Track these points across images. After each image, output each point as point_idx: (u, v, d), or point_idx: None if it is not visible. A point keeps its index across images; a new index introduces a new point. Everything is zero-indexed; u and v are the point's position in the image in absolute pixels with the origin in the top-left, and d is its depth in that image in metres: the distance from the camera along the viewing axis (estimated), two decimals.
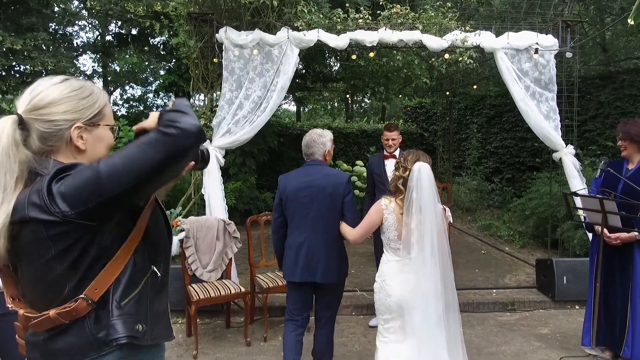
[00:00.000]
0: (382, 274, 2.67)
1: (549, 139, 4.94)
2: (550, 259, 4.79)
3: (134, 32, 10.72)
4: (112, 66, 16.12)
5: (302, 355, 3.07)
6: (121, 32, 11.21)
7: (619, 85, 7.80)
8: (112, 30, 11.98)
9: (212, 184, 4.67)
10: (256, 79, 4.67)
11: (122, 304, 1.20)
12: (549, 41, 4.93)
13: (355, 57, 5.22)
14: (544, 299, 4.77)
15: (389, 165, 4.16)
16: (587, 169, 6.15)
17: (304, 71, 8.93)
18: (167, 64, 9.80)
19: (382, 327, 2.66)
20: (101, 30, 13.13)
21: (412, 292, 2.51)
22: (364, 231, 2.74)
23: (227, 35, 4.63)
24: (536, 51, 4.80)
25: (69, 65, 9.70)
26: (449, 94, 9.89)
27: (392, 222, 2.61)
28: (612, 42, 10.48)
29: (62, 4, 10.64)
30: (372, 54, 5.28)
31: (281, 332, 3.91)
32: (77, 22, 12.86)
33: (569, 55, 4.95)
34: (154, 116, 1.22)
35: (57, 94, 1.21)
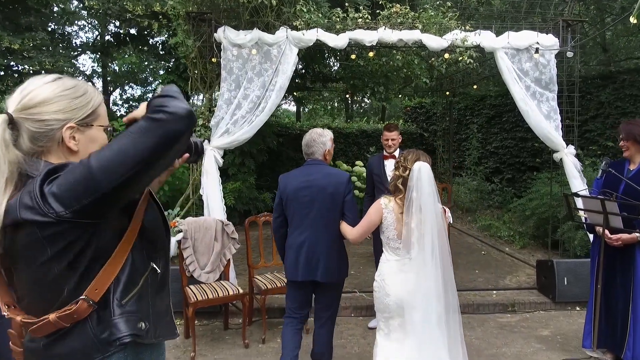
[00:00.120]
0: (382, 273, 2.67)
1: (550, 139, 4.92)
2: (550, 260, 4.76)
3: (133, 31, 10.69)
4: (111, 66, 16.10)
5: (301, 357, 3.04)
6: (120, 31, 11.18)
7: (619, 85, 7.78)
8: (111, 30, 11.95)
9: (211, 185, 4.64)
10: (255, 79, 4.65)
11: (124, 303, 1.17)
12: (549, 41, 4.90)
13: (354, 57, 5.20)
14: (545, 300, 4.74)
15: (389, 165, 4.12)
16: (588, 169, 6.12)
17: (303, 71, 8.91)
18: (166, 64, 9.76)
19: (383, 324, 2.69)
20: (100, 30, 13.10)
21: (412, 291, 2.51)
22: (364, 230, 2.74)
23: (225, 34, 4.61)
24: (537, 51, 4.77)
25: (67, 64, 9.67)
26: (449, 94, 9.87)
27: (392, 221, 2.62)
28: (612, 42, 10.46)
29: (61, 3, 10.61)
30: (371, 54, 5.26)
31: (279, 334, 3.88)
32: (76, 21, 12.84)
33: (569, 54, 4.92)
34: (143, 105, 1.19)
35: (49, 92, 1.17)
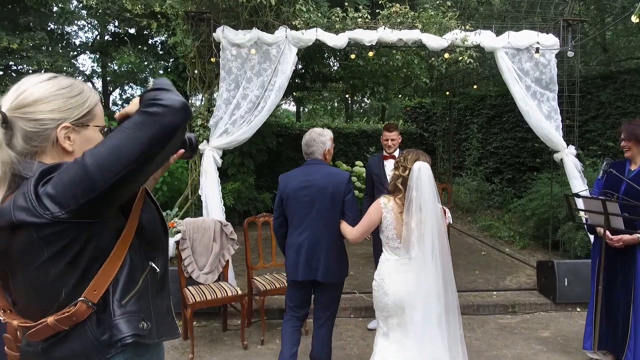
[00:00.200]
0: (381, 272, 2.68)
1: (550, 139, 4.89)
2: (551, 261, 4.73)
3: (132, 31, 10.67)
4: (111, 66, 16.09)
5: (300, 358, 3.03)
6: (119, 31, 11.15)
7: (620, 85, 7.76)
8: (110, 30, 11.92)
9: (210, 185, 4.61)
10: (254, 79, 4.62)
11: (124, 303, 1.14)
12: (550, 40, 4.88)
13: (354, 57, 5.18)
14: (545, 301, 4.71)
15: (389, 165, 4.09)
16: (588, 169, 6.09)
17: (303, 71, 8.88)
18: (165, 64, 9.73)
19: (382, 322, 2.70)
20: (100, 30, 13.07)
21: (412, 291, 2.51)
22: (364, 230, 2.75)
23: (224, 34, 4.58)
24: (537, 50, 4.74)
25: (66, 64, 9.64)
26: (449, 94, 9.84)
27: (391, 221, 2.62)
28: (612, 42, 10.44)
29: (60, 3, 10.58)
30: (371, 54, 5.24)
31: (278, 336, 3.86)
32: (75, 21, 12.81)
33: (570, 54, 4.89)
34: (135, 100, 1.16)
35: (44, 91, 1.15)
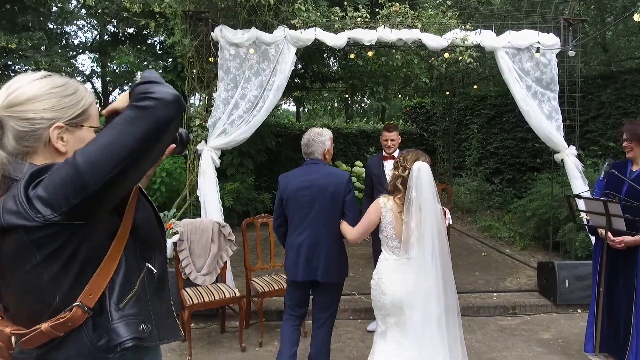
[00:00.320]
0: (379, 271, 2.69)
1: (551, 139, 4.85)
2: (552, 262, 4.70)
3: (131, 31, 10.63)
4: (110, 66, 16.05)
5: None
6: (118, 31, 11.11)
7: (620, 85, 7.72)
8: (109, 29, 11.88)
9: (208, 186, 4.58)
10: (252, 78, 4.59)
11: (121, 306, 1.11)
12: (550, 40, 4.84)
13: (353, 57, 5.14)
14: (546, 302, 4.68)
15: (388, 166, 4.06)
16: (589, 170, 6.06)
17: (302, 71, 8.85)
18: (164, 63, 9.69)
19: (380, 321, 2.69)
20: (100, 30, 13.04)
21: (412, 292, 2.51)
22: (364, 230, 2.74)
23: (222, 33, 4.55)
24: (538, 50, 4.71)
25: (65, 64, 9.59)
26: (449, 94, 9.80)
27: (390, 220, 2.62)
28: (612, 42, 10.41)
29: (59, 2, 10.54)
30: (370, 53, 5.21)
31: (277, 337, 3.84)
32: (75, 21, 12.78)
33: (571, 54, 4.85)
34: (124, 95, 1.12)
35: (37, 90, 1.11)
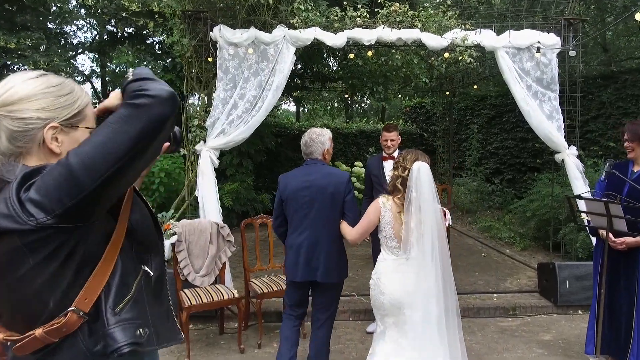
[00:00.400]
0: (378, 271, 2.69)
1: (551, 139, 4.82)
2: (552, 263, 4.67)
3: (130, 30, 10.59)
4: (110, 66, 16.01)
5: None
6: (116, 30, 11.07)
7: (621, 85, 7.70)
8: (108, 29, 11.85)
9: (206, 186, 4.55)
10: (251, 78, 4.56)
11: (117, 310, 1.08)
12: (551, 40, 4.82)
13: (352, 56, 5.12)
14: (547, 303, 4.65)
15: (388, 166, 4.03)
16: (589, 170, 6.03)
17: (302, 71, 8.82)
18: (163, 63, 9.66)
19: (379, 320, 2.69)
20: (99, 30, 13.00)
21: (411, 292, 2.51)
22: (363, 230, 2.74)
23: (221, 33, 4.53)
24: (538, 50, 4.68)
25: (63, 64, 9.55)
26: (449, 94, 9.79)
27: (389, 220, 2.62)
28: (612, 42, 10.39)
29: (58, 2, 10.51)
30: (370, 53, 5.18)
31: (276, 339, 3.82)
32: (74, 21, 12.73)
33: (572, 53, 4.82)
34: (115, 93, 1.10)
35: (31, 89, 1.09)
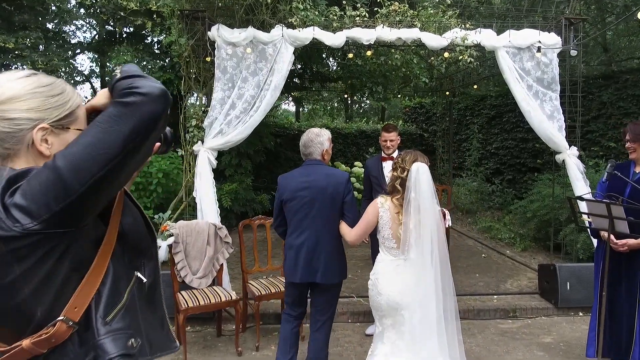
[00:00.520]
0: (376, 272, 2.69)
1: (552, 140, 4.78)
2: (553, 264, 4.63)
3: (128, 30, 10.56)
4: (109, 66, 15.98)
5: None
6: (114, 30, 11.03)
7: (621, 85, 7.66)
8: (107, 29, 11.82)
9: (204, 187, 4.51)
10: (249, 78, 4.53)
11: (108, 320, 1.04)
12: (551, 39, 4.78)
13: (351, 56, 5.08)
14: (547, 305, 4.61)
15: (387, 167, 3.99)
16: (590, 170, 6.00)
17: (301, 70, 8.79)
18: (162, 63, 9.62)
19: (377, 321, 2.69)
20: (99, 29, 12.96)
21: (407, 293, 2.50)
22: (362, 231, 2.74)
23: (219, 33, 4.49)
24: (539, 49, 4.65)
25: (62, 63, 9.51)
26: (448, 94, 9.75)
27: (387, 220, 2.61)
28: (613, 42, 10.34)
29: (57, 2, 10.47)
30: (369, 53, 5.14)
31: (274, 341, 3.78)
32: (73, 21, 12.69)
33: (573, 53, 4.78)
34: (103, 92, 1.06)
35: (20, 88, 1.04)
